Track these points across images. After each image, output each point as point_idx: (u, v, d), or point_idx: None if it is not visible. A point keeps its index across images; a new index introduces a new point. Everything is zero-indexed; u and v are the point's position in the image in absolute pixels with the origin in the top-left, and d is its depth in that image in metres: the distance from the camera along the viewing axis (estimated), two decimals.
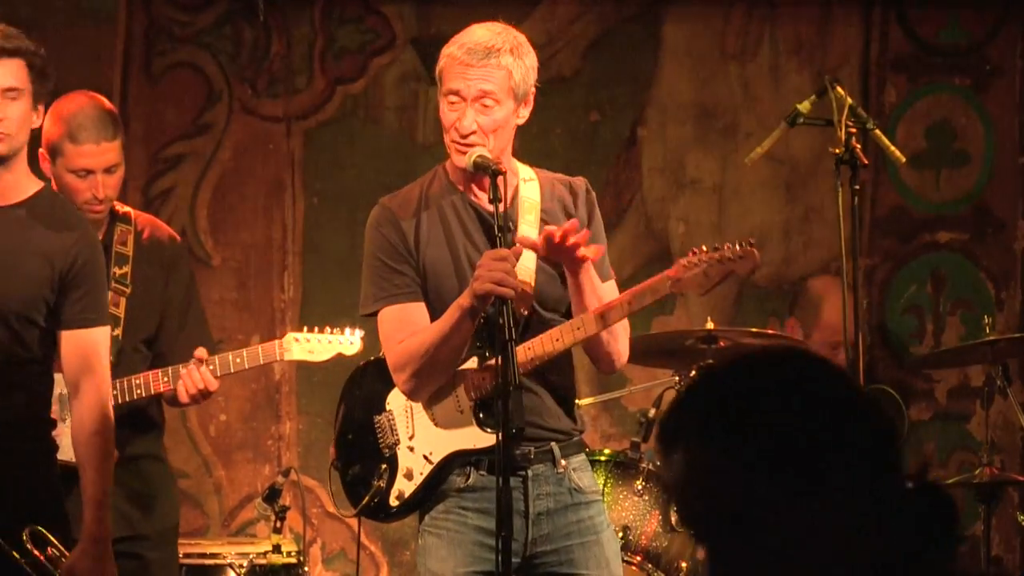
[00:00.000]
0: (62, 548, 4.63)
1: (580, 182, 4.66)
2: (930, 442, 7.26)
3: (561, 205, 4.58)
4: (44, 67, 4.73)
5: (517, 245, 4.38)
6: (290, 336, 5.33)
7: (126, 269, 5.26)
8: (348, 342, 5.37)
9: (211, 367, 5.18)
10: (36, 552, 4.61)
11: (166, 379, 5.19)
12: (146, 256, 5.30)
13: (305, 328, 5.36)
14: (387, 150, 7.12)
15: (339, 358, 5.38)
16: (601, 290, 4.46)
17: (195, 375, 5.17)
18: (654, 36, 7.25)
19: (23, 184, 4.72)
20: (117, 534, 5.13)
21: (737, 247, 4.46)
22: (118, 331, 5.20)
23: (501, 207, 4.37)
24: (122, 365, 5.19)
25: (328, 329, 5.35)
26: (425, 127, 7.15)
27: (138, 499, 5.27)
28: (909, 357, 7.29)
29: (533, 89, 4.54)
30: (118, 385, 5.13)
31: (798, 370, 2.25)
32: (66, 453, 5.10)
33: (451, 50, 4.51)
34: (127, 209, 5.35)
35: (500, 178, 4.34)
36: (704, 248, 4.47)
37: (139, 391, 5.17)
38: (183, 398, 5.21)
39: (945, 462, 7.21)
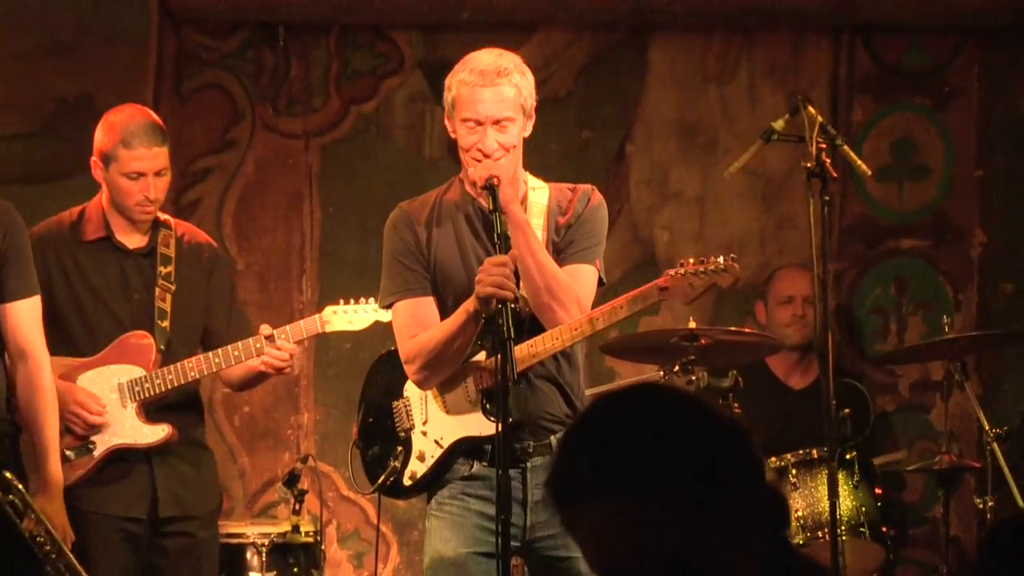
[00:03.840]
0: (25, 493, 4.63)
1: (584, 185, 4.68)
2: (894, 431, 7.25)
3: (559, 207, 4.58)
4: None
5: (515, 251, 4.37)
6: (328, 309, 5.31)
7: (170, 268, 5.28)
8: (384, 311, 5.32)
9: (257, 345, 5.19)
10: (21, 491, 4.62)
11: (217, 360, 5.18)
12: (187, 258, 5.33)
13: (341, 300, 5.34)
14: (397, 164, 7.12)
15: (376, 326, 5.33)
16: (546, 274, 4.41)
17: (269, 348, 5.17)
18: (641, 60, 7.24)
19: None
20: (170, 513, 5.16)
21: (720, 261, 4.45)
22: (166, 323, 5.23)
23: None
24: (170, 354, 5.22)
25: (363, 299, 5.33)
26: (431, 143, 7.14)
27: (190, 483, 5.29)
28: (875, 353, 7.28)
29: (534, 104, 4.53)
30: (173, 370, 5.14)
31: (666, 404, 2.17)
32: (128, 436, 5.11)
33: (462, 76, 4.49)
34: (166, 217, 5.39)
35: (498, 185, 4.36)
36: (691, 260, 4.47)
37: (192, 373, 5.18)
38: (270, 365, 5.19)
39: (908, 450, 7.20)
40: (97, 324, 5.20)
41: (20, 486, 4.63)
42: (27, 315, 4.78)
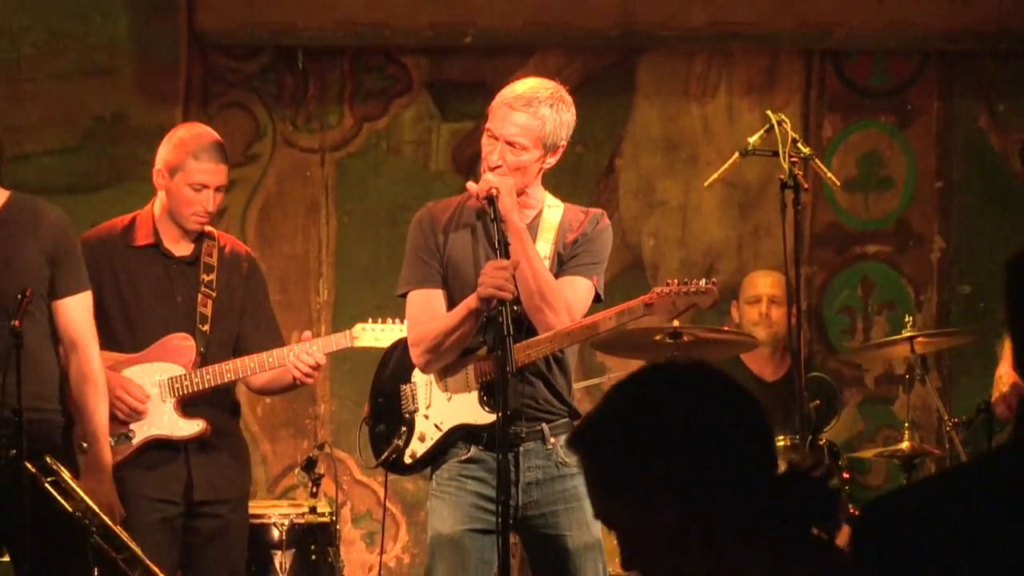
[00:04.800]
0: (71, 475, 4.68)
1: (596, 210, 4.73)
2: (861, 421, 7.30)
3: (570, 225, 4.63)
4: None
5: (515, 257, 4.43)
6: (358, 326, 5.36)
7: (212, 276, 5.31)
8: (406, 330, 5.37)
9: (291, 355, 5.24)
10: (59, 472, 4.66)
11: (252, 365, 5.24)
12: (227, 266, 5.36)
13: (370, 320, 5.40)
14: (405, 178, 7.16)
15: (375, 350, 5.40)
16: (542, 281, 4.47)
17: (304, 357, 5.22)
18: (629, 81, 7.28)
19: None
20: (204, 497, 5.20)
21: (702, 284, 4.50)
22: (206, 327, 5.27)
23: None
24: (209, 356, 5.26)
25: (390, 320, 5.39)
26: (437, 158, 7.19)
27: (223, 469, 5.32)
28: (843, 349, 7.33)
29: (564, 142, 4.56)
30: (211, 371, 5.20)
31: (705, 386, 2.18)
32: (164, 429, 5.16)
33: (504, 92, 4.55)
34: (210, 228, 5.40)
35: (499, 200, 4.42)
36: (675, 281, 4.52)
37: (229, 375, 5.23)
38: (299, 374, 5.24)
39: (873, 437, 7.25)
40: (141, 324, 5.24)
41: (62, 469, 4.69)
42: (78, 310, 4.83)
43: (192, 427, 5.22)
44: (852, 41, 7.30)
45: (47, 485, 4.63)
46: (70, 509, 4.65)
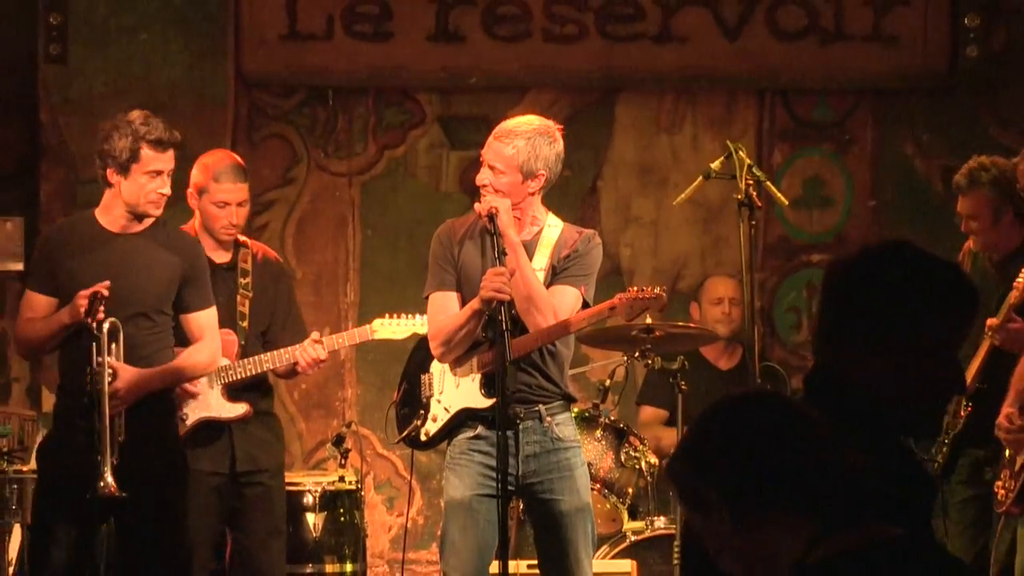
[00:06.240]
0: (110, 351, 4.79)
1: (587, 231, 4.85)
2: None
3: (565, 242, 4.73)
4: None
5: (510, 265, 4.53)
6: (377, 321, 5.48)
7: (248, 280, 5.45)
8: (420, 324, 5.48)
9: (300, 348, 5.43)
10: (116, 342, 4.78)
11: (287, 356, 5.40)
12: (260, 271, 5.52)
13: (386, 315, 5.48)
14: (420, 197, 7.26)
15: (410, 337, 5.53)
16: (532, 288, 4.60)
17: (309, 350, 5.38)
18: (609, 116, 7.37)
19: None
20: (248, 467, 5.33)
21: (655, 291, 4.63)
22: (245, 324, 5.43)
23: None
24: (248, 348, 5.43)
25: (405, 315, 5.48)
26: (447, 181, 7.29)
27: (261, 443, 5.53)
28: (790, 343, 7.40)
29: (543, 171, 4.64)
30: (252, 361, 5.41)
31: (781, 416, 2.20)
32: (213, 411, 5.26)
33: (497, 126, 4.66)
34: (245, 239, 5.60)
35: (498, 218, 4.52)
36: (634, 289, 4.66)
37: (268, 364, 5.45)
38: (303, 364, 5.42)
39: None
40: None
41: (117, 344, 4.77)
42: (204, 321, 5.05)
43: (237, 409, 5.36)
44: (799, 81, 7.43)
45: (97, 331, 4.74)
46: (98, 363, 4.73)
